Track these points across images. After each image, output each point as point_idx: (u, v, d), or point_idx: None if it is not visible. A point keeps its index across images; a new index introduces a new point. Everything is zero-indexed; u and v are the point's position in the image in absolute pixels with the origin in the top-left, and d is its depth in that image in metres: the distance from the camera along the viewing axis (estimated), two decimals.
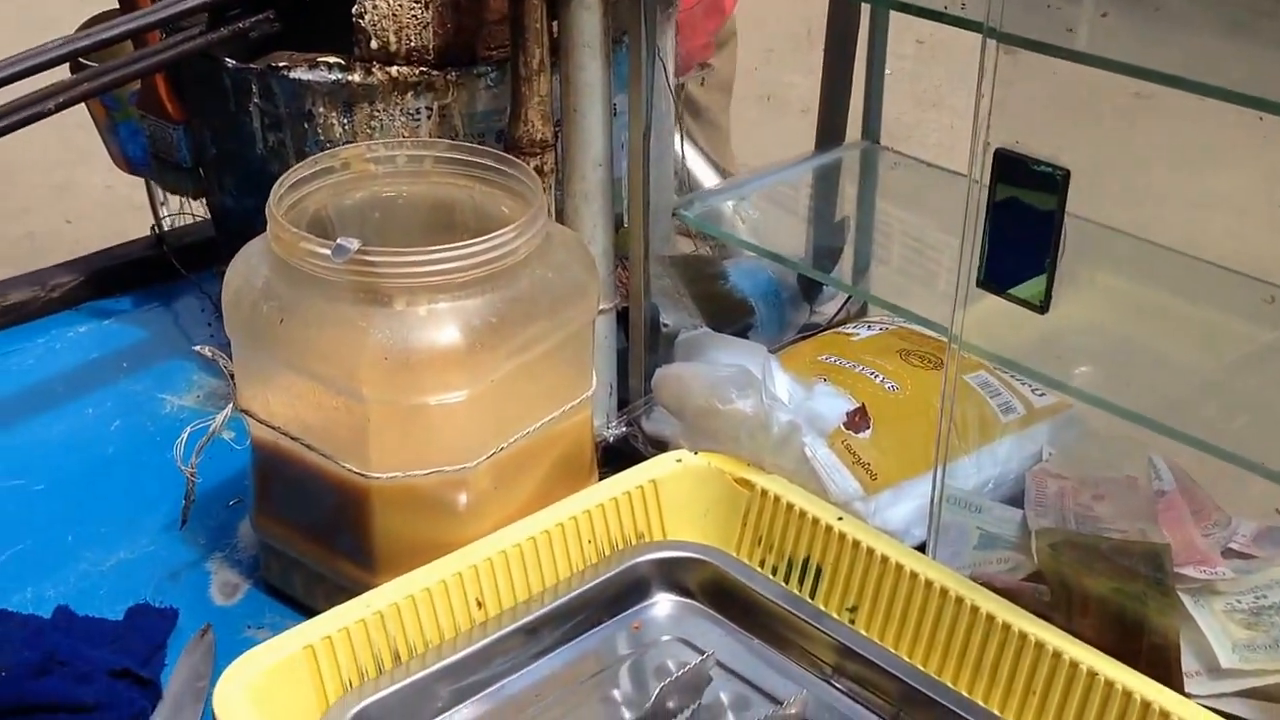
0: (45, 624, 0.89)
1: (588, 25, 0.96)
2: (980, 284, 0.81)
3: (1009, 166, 0.78)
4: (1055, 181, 0.76)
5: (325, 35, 1.07)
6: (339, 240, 0.81)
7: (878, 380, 1.02)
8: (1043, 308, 0.79)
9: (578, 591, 0.89)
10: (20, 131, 0.96)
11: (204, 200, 1.26)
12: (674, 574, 0.92)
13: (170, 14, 1.01)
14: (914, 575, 0.85)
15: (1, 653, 0.83)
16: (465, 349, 0.82)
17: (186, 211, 1.58)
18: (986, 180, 0.79)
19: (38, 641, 0.86)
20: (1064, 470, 0.97)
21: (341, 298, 0.82)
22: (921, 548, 0.91)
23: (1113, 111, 0.83)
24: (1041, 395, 1.02)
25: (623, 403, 1.08)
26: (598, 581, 0.89)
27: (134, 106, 1.21)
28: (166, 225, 1.35)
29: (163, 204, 1.36)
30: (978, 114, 0.79)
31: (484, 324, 0.83)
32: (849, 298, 1.18)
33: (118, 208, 3.00)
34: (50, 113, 0.97)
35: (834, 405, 0.98)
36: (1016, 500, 0.95)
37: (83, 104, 1.22)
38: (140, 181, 1.33)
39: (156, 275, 1.33)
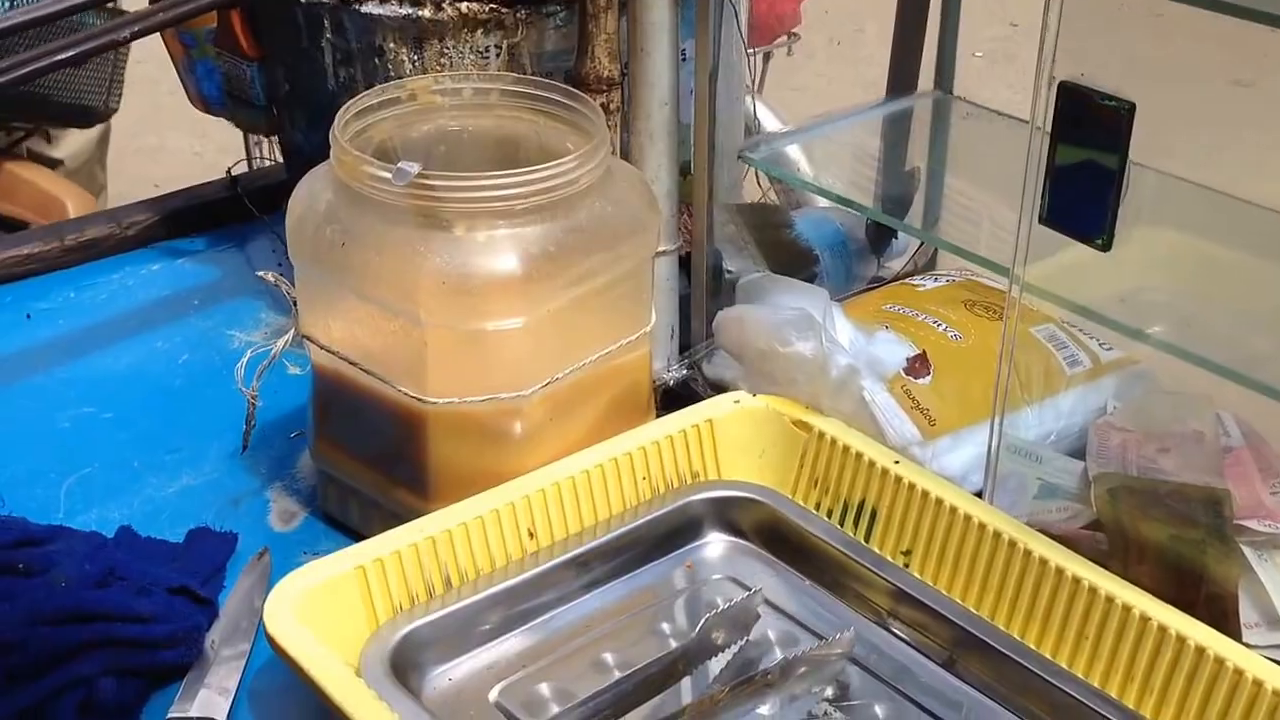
0: (108, 541, 0.91)
1: None
2: (1043, 221, 0.80)
3: (1073, 99, 0.76)
4: (1120, 115, 0.74)
5: None
6: (400, 164, 0.81)
7: (941, 329, 1.01)
8: (1105, 245, 0.77)
9: (630, 527, 0.89)
10: None
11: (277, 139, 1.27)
12: (728, 514, 0.92)
13: None
14: (969, 519, 0.83)
15: (63, 566, 0.85)
16: (522, 276, 0.82)
17: (268, 156, 1.60)
18: (1050, 115, 0.77)
19: (99, 556, 0.87)
20: (1128, 424, 0.94)
21: (402, 221, 0.83)
22: (979, 495, 0.89)
23: (1183, 49, 0.81)
24: (1109, 350, 1.00)
25: (684, 347, 1.07)
26: (651, 518, 0.89)
27: (210, 44, 1.22)
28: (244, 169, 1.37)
29: (257, 144, 1.37)
30: (1043, 46, 0.77)
31: (542, 252, 0.83)
32: (918, 247, 1.17)
33: (206, 173, 3.05)
34: (125, 41, 0.99)
35: (895, 351, 0.97)
36: (1079, 454, 0.93)
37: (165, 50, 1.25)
38: (228, 145, 1.34)
39: (230, 216, 1.35)
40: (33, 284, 1.24)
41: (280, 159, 1.35)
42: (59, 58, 0.96)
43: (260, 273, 0.92)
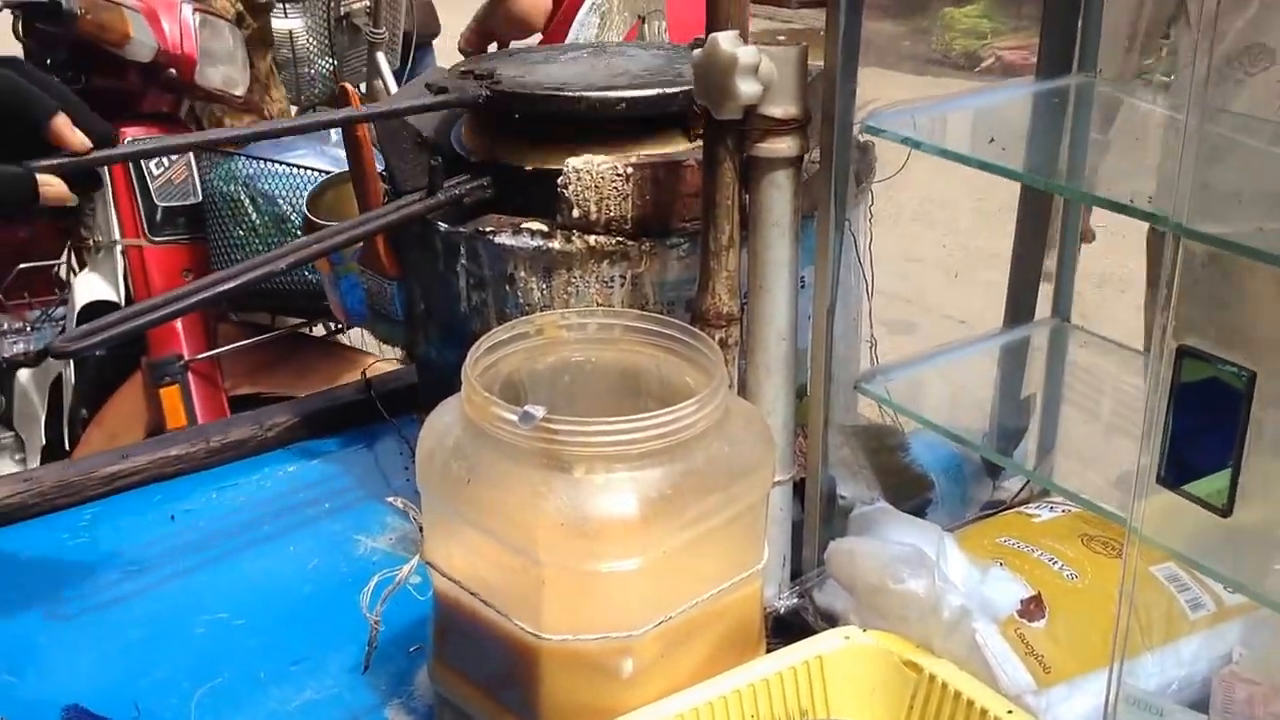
0: None
1: (778, 204, 0.99)
2: (1160, 481, 0.80)
3: (1192, 364, 0.77)
4: (1240, 383, 0.75)
5: (533, 201, 1.13)
6: (526, 407, 0.85)
7: (1056, 567, 1.00)
8: (1225, 511, 0.77)
9: None
10: None
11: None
12: None
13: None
14: None
15: None
16: (640, 519, 0.85)
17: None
18: (1168, 376, 0.78)
19: None
20: (1255, 675, 0.92)
21: (525, 461, 0.86)
22: None
23: None
24: (1233, 592, 0.98)
25: (795, 573, 1.08)
26: None
27: (355, 262, 1.29)
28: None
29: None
30: (1161, 308, 0.78)
31: (660, 495, 0.85)
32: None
33: None
34: (282, 271, 1.05)
35: (1008, 591, 0.97)
36: (1202, 705, 0.91)
37: None
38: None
39: (363, 417, 1.41)
40: (180, 484, 1.30)
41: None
42: (221, 289, 1.04)
43: (390, 498, 0.96)
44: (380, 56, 3.21)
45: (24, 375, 2.28)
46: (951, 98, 1.05)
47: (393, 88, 3.14)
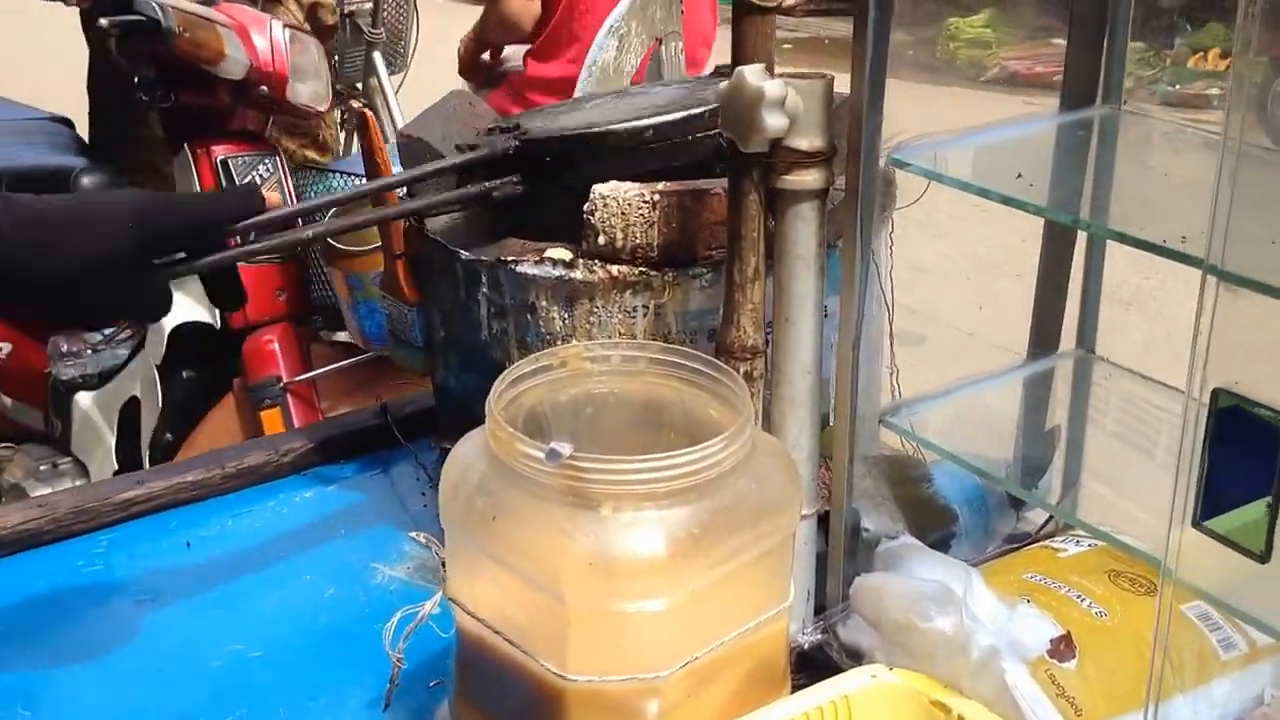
0: None
1: (803, 237, 0.98)
2: (1195, 525, 0.79)
3: (1228, 408, 0.76)
4: (1276, 428, 0.74)
5: (557, 223, 1.12)
6: (552, 444, 0.84)
7: (1085, 604, 0.99)
8: (1263, 557, 0.76)
9: None
10: None
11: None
12: None
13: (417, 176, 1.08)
14: None
15: None
16: (668, 559, 0.84)
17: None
18: (1204, 418, 0.77)
19: None
20: None
21: (551, 499, 0.85)
22: None
23: None
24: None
25: (819, 608, 1.07)
26: None
27: (375, 286, 1.29)
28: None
29: None
30: (1195, 350, 0.77)
31: (688, 534, 0.84)
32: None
33: None
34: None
35: (1037, 630, 0.96)
36: None
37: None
38: None
39: (378, 443, 1.40)
40: (195, 510, 1.30)
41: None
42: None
43: (413, 534, 0.95)
44: (377, 56, 3.23)
45: (85, 399, 2.27)
46: (976, 131, 1.04)
47: (388, 87, 3.16)
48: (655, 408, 0.99)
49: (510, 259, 1.12)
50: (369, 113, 1.22)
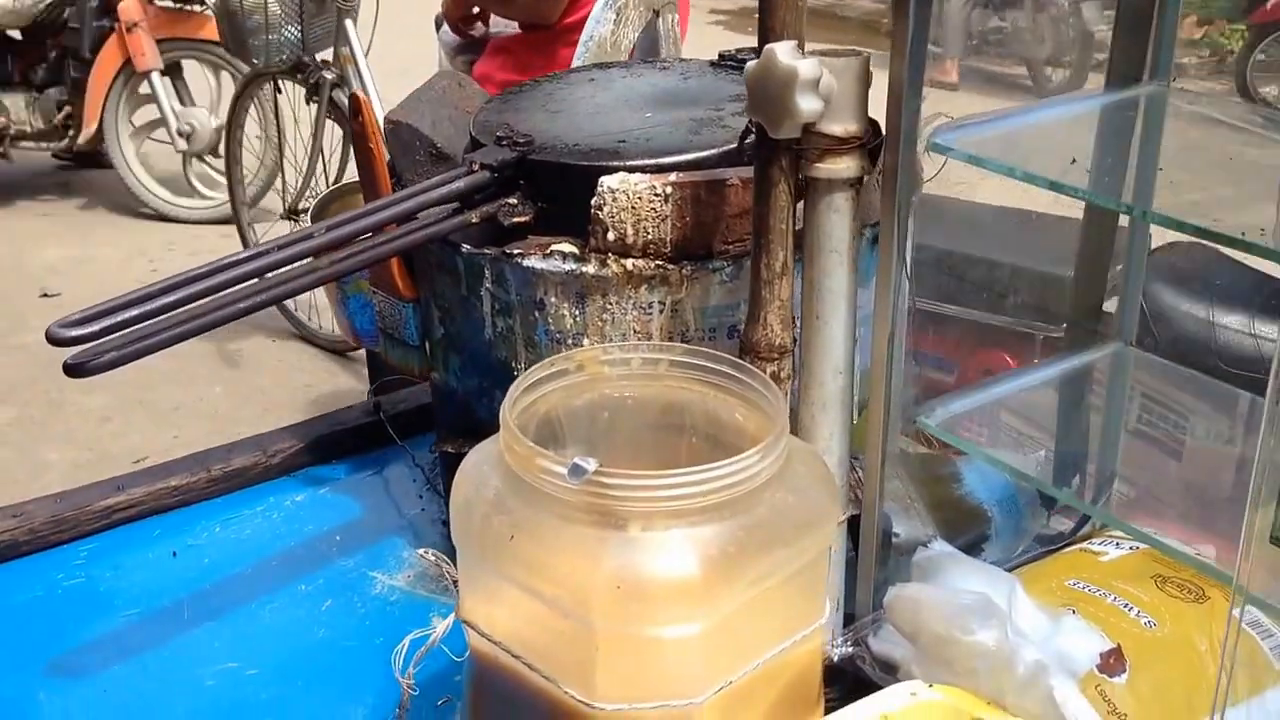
0: None
1: (837, 229, 0.92)
2: (1274, 541, 0.74)
3: None
4: None
5: (563, 219, 1.06)
6: (575, 460, 0.78)
7: (1133, 614, 0.94)
8: None
9: None
10: None
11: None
12: None
13: (419, 203, 1.02)
14: None
15: None
16: (701, 580, 0.78)
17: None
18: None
19: None
20: None
21: (575, 518, 0.79)
22: None
23: None
24: None
25: (849, 618, 1.01)
26: None
27: (365, 281, 1.22)
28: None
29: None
30: (1276, 363, 0.72)
31: (722, 553, 0.78)
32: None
33: None
34: (297, 292, 0.98)
35: (1085, 643, 0.90)
36: None
37: None
38: None
39: (371, 442, 1.33)
40: (180, 516, 1.23)
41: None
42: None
43: (421, 551, 0.89)
44: (349, 24, 3.15)
45: None
46: (1016, 111, 0.98)
47: (360, 56, 3.07)
48: (675, 411, 0.93)
49: (515, 252, 1.05)
50: (363, 96, 1.15)
